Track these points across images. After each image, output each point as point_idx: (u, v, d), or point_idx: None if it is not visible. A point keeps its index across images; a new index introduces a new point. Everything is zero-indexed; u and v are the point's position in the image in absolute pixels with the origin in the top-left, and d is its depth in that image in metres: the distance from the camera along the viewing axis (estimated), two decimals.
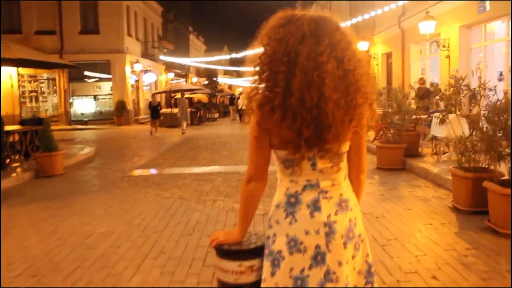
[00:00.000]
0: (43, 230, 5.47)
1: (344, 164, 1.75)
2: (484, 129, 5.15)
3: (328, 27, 1.61)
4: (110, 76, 27.55)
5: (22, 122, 14.01)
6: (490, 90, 5.49)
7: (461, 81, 5.67)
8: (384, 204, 6.17)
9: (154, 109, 20.57)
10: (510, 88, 9.59)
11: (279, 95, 1.58)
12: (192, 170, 9.74)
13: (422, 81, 13.79)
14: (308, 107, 1.56)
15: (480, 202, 5.43)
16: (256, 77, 1.66)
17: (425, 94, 12.00)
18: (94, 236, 5.15)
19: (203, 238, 4.90)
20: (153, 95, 25.54)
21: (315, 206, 1.67)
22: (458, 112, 5.98)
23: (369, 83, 1.69)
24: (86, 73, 26.89)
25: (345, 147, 1.70)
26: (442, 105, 6.36)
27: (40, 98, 27.49)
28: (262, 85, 1.65)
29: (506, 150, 5.01)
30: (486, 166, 5.62)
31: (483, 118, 5.26)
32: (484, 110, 5.31)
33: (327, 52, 1.56)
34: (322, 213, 1.66)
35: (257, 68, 1.65)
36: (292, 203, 1.69)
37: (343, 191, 1.74)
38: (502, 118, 4.91)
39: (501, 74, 12.20)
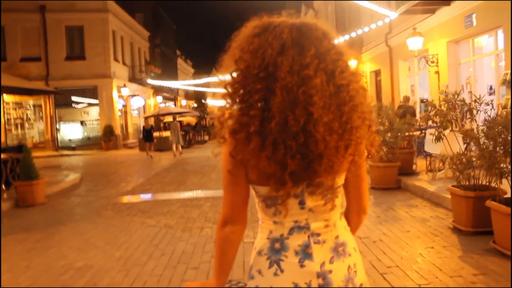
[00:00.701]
0: (15, 266, 5.05)
1: (339, 201, 1.44)
2: (484, 146, 4.87)
3: (313, 34, 1.32)
4: (97, 101, 27.21)
5: (3, 150, 13.58)
6: (487, 104, 5.25)
7: (456, 96, 5.40)
8: (381, 226, 5.84)
9: (147, 132, 20.56)
10: (510, 100, 9.38)
11: (255, 118, 1.28)
12: (179, 196, 9.36)
13: (405, 99, 13.66)
14: (293, 132, 1.25)
15: (482, 222, 5.13)
16: (228, 99, 1.36)
17: (405, 112, 11.81)
18: (70, 272, 4.75)
19: (188, 272, 4.52)
20: (146, 118, 25.29)
21: (305, 253, 1.35)
22: (455, 128, 5.72)
23: (366, 101, 1.39)
24: (74, 98, 26.60)
25: (341, 179, 1.40)
26: (433, 121, 6.08)
27: (26, 125, 27.03)
28: (235, 107, 1.34)
29: (508, 166, 4.74)
30: (487, 184, 5.34)
31: (481, 134, 4.99)
32: (482, 125, 5.06)
33: (314, 64, 1.27)
34: (314, 261, 1.35)
35: (229, 88, 1.35)
36: (276, 249, 1.38)
37: (339, 233, 1.43)
38: (502, 135, 4.64)
39: (491, 88, 12.10)
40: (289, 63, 1.26)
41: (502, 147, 4.77)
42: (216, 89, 1.49)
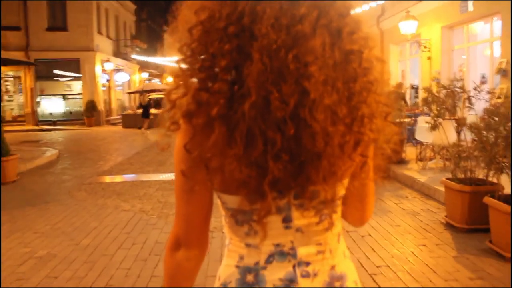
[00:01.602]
0: None
1: (338, 217, 1.05)
2: (484, 137, 4.52)
3: None
4: (79, 75, 26.38)
5: None
6: (489, 93, 4.90)
7: (455, 83, 5.03)
8: (370, 220, 5.48)
9: (144, 108, 20.27)
10: (510, 89, 9.07)
11: (220, 96, 0.88)
12: (158, 177, 8.92)
13: (398, 85, 13.29)
14: (278, 120, 0.85)
15: (478, 219, 4.82)
16: (184, 65, 0.94)
17: (397, 98, 11.45)
18: (30, 261, 4.32)
19: (160, 265, 4.13)
20: (142, 94, 24.62)
21: None
22: (452, 117, 5.37)
23: (383, 78, 0.98)
24: (56, 71, 25.75)
25: (341, 189, 1.00)
26: (429, 108, 5.71)
27: (6, 97, 26.13)
28: (193, 80, 0.92)
29: (509, 161, 4.40)
30: (484, 178, 5.01)
31: (482, 124, 4.64)
32: (483, 115, 4.71)
33: (312, 17, 0.86)
34: None
35: (185, 51, 0.93)
36: (249, 283, 0.98)
37: (337, 262, 1.04)
38: (506, 126, 4.28)
39: (483, 77, 11.80)
40: (275, 13, 0.85)
41: (503, 140, 4.42)
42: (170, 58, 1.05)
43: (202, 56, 0.91)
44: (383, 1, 14.28)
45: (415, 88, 15.28)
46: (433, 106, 5.31)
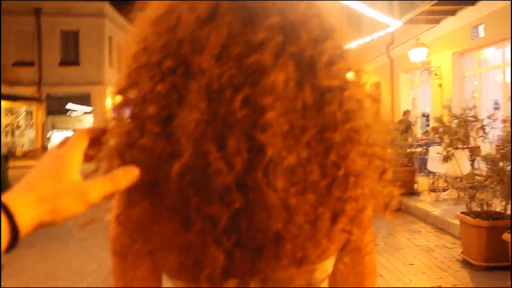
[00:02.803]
0: None
1: None
2: (501, 169, 4.23)
3: None
4: (90, 109, 26.60)
5: None
6: (505, 121, 4.63)
7: (467, 112, 4.78)
8: (381, 257, 5.16)
9: None
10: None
11: (144, 155, 0.65)
12: None
13: (406, 113, 13.04)
14: (219, 188, 0.62)
15: (497, 256, 4.48)
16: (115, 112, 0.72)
17: (407, 127, 11.19)
18: None
19: None
20: None
21: None
22: (465, 146, 5.10)
23: (378, 122, 0.74)
24: (69, 106, 26.01)
25: (323, 271, 0.74)
26: (443, 138, 5.45)
27: (17, 133, 26.36)
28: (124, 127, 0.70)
29: None
30: (502, 211, 4.70)
31: (498, 155, 4.36)
32: (499, 145, 4.44)
33: (276, 43, 0.63)
34: None
35: (118, 93, 0.72)
36: None
37: None
38: None
39: (496, 103, 11.52)
40: (222, 39, 0.63)
41: None
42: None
43: (134, 97, 0.70)
44: (392, 29, 14.17)
45: (426, 116, 14.99)
46: (444, 136, 5.04)
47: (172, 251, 0.67)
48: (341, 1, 10.76)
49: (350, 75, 0.71)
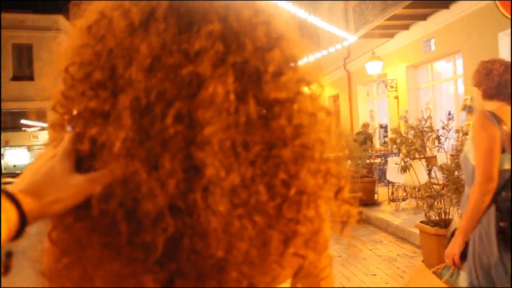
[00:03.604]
0: None
1: None
2: (456, 178, 4.35)
3: None
4: (46, 125, 25.80)
5: None
6: (458, 131, 4.78)
7: (423, 122, 4.91)
8: (343, 269, 5.18)
9: None
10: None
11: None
12: None
13: (365, 125, 13.36)
14: (151, 213, 0.58)
15: None
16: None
17: (366, 138, 11.42)
18: None
19: None
20: None
21: None
22: (422, 157, 5.22)
23: (329, 137, 0.69)
24: (23, 121, 25.15)
25: None
26: (400, 148, 5.57)
27: None
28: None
29: None
30: (459, 218, 4.81)
31: (453, 165, 4.48)
32: (453, 154, 4.57)
33: (215, 53, 0.59)
34: None
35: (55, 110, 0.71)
36: None
37: None
38: None
39: (449, 114, 11.92)
40: (152, 49, 0.58)
41: None
42: None
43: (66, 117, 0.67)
44: (348, 43, 14.49)
45: (384, 128, 15.35)
46: (402, 147, 5.15)
47: (103, 280, 0.62)
48: (298, 13, 10.92)
49: (301, 87, 0.66)
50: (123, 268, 0.59)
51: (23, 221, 0.57)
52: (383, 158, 10.37)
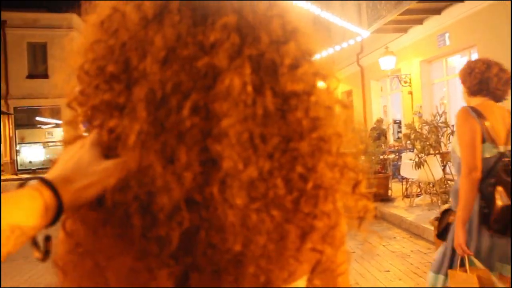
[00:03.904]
0: None
1: None
2: None
3: None
4: (60, 122, 26.07)
5: None
6: None
7: (438, 118, 4.85)
8: (357, 265, 5.16)
9: None
10: None
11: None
12: None
13: (379, 121, 13.27)
14: (166, 206, 0.57)
15: None
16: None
17: (379, 134, 11.36)
18: None
19: None
20: None
21: None
22: (436, 152, 5.16)
23: (347, 131, 0.69)
24: (38, 118, 25.49)
25: None
26: (414, 144, 5.52)
27: None
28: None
29: None
30: None
31: None
32: None
33: (231, 45, 0.58)
34: None
35: (73, 105, 0.72)
36: None
37: None
38: None
39: None
40: (168, 41, 0.58)
41: None
42: None
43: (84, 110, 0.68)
44: (361, 39, 14.38)
45: (397, 123, 15.22)
46: (416, 142, 5.10)
47: (116, 273, 0.62)
48: (310, 8, 10.86)
49: (318, 81, 0.66)
50: (136, 262, 0.60)
51: (60, 208, 0.58)
52: (397, 153, 10.28)
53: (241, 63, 0.58)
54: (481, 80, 2.58)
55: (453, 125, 4.96)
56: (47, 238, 0.61)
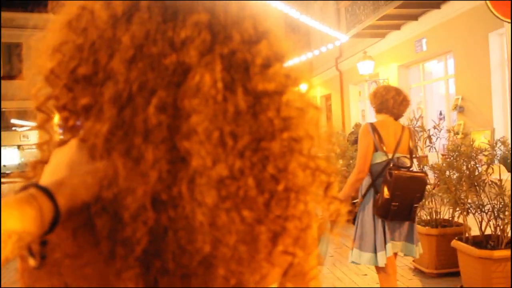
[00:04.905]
0: None
1: None
2: (448, 178, 4.35)
3: None
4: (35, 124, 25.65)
5: None
6: (449, 131, 4.79)
7: (415, 122, 4.91)
8: (334, 269, 5.17)
9: None
10: (461, 126, 9.12)
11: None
12: None
13: (357, 126, 13.39)
14: (131, 206, 0.55)
15: (447, 262, 4.59)
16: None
17: (357, 138, 11.47)
18: None
19: None
20: None
21: None
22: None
23: (318, 132, 0.67)
24: (13, 121, 25.01)
25: None
26: None
27: None
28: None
29: (475, 202, 4.22)
30: (450, 218, 4.83)
31: (444, 164, 4.48)
32: (444, 154, 4.57)
33: (202, 42, 0.57)
34: None
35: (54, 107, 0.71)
36: None
37: None
38: (469, 165, 4.13)
39: (440, 114, 11.97)
40: (136, 39, 0.56)
41: (467, 180, 4.25)
42: None
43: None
44: (340, 43, 14.50)
45: None
46: None
47: (84, 280, 0.59)
48: (290, 13, 10.90)
49: (289, 81, 0.65)
50: (103, 265, 0.57)
51: (57, 215, 0.55)
52: None
53: (212, 60, 0.56)
54: (382, 101, 3.42)
55: (429, 130, 5.03)
56: (43, 243, 0.58)
